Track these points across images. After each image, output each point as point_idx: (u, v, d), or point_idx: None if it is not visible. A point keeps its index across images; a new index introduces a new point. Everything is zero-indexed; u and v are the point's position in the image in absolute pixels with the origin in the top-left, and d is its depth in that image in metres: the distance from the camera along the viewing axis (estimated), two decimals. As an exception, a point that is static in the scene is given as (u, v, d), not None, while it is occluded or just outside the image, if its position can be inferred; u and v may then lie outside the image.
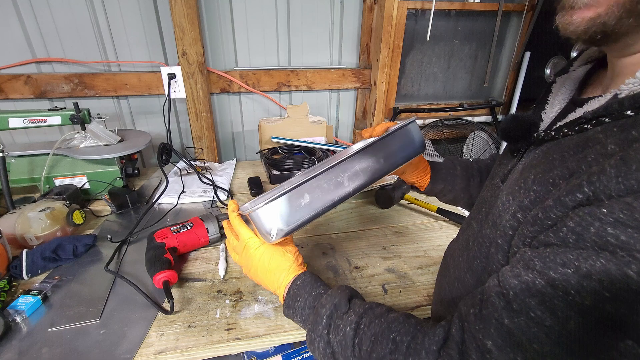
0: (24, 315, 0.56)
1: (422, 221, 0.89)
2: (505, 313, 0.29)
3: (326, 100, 1.42)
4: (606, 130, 0.30)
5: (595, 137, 0.30)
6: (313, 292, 0.45)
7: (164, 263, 0.62)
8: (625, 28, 0.30)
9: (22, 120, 0.89)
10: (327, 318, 0.41)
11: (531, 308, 0.27)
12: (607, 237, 0.24)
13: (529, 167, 0.37)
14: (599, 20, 0.31)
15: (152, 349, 0.51)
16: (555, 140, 0.36)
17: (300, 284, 0.47)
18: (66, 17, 1.05)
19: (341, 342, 0.39)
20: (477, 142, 1.51)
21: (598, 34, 0.32)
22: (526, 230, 0.32)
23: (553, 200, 0.29)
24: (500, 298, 0.30)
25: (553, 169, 0.32)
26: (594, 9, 0.31)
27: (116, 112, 1.21)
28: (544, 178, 0.33)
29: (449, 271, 0.48)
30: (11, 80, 1.04)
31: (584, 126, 0.32)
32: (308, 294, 0.45)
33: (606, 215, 0.24)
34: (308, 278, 0.48)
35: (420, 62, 1.52)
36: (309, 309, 0.45)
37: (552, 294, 0.26)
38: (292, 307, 0.47)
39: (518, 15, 1.51)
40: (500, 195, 0.40)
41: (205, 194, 0.98)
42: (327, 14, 1.27)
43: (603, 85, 0.39)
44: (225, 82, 1.23)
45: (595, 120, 0.32)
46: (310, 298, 0.45)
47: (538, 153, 0.37)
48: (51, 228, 0.73)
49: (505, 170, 0.44)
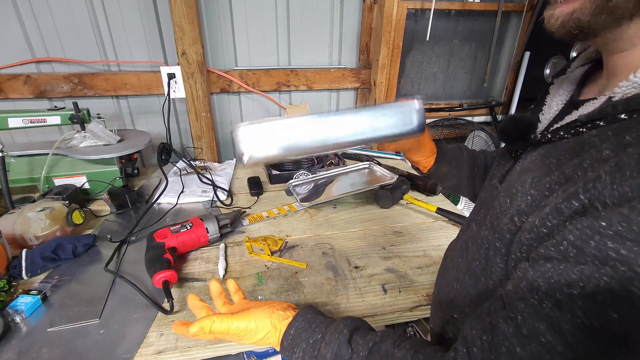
0: (23, 315, 0.56)
1: (421, 221, 0.89)
2: (516, 340, 0.28)
3: (326, 100, 1.42)
4: (601, 134, 0.30)
5: (590, 141, 0.30)
6: (310, 340, 0.41)
7: (164, 263, 0.63)
8: (601, 24, 0.31)
9: (21, 120, 0.89)
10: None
11: (541, 333, 0.26)
12: (608, 251, 0.23)
13: (527, 169, 0.37)
14: (575, 15, 0.31)
15: (151, 349, 0.51)
16: (552, 143, 0.36)
17: (293, 333, 0.42)
18: (66, 17, 1.05)
19: None
20: (476, 142, 1.51)
21: (574, 29, 0.32)
22: (523, 238, 0.32)
23: (549, 208, 0.29)
24: (509, 323, 0.29)
25: (550, 173, 0.32)
26: (571, 4, 0.32)
27: (116, 112, 1.21)
28: (540, 182, 0.33)
29: (447, 272, 0.48)
30: (11, 80, 1.04)
31: (580, 129, 0.32)
32: (305, 342, 0.41)
33: (605, 229, 0.24)
34: (301, 323, 0.43)
35: (420, 62, 1.52)
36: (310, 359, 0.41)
37: (560, 317, 0.25)
38: None
39: (518, 15, 1.51)
40: (498, 196, 0.40)
41: (205, 193, 0.98)
42: (326, 14, 1.27)
43: (600, 86, 0.39)
44: (225, 82, 1.23)
45: (590, 124, 0.31)
46: (308, 347, 0.41)
47: (535, 155, 0.37)
48: (51, 228, 0.73)
49: (503, 171, 0.44)
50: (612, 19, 0.30)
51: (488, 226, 0.39)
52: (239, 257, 0.73)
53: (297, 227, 0.85)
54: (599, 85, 0.39)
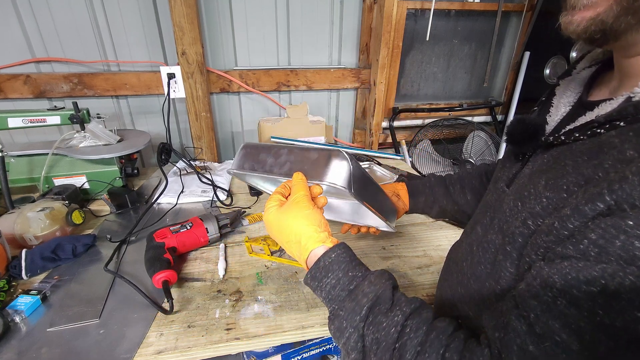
0: (23, 315, 0.56)
1: (421, 221, 0.89)
2: (529, 338, 0.27)
3: (326, 100, 1.42)
4: (621, 134, 0.29)
5: (609, 142, 0.30)
6: (350, 273, 0.41)
7: (164, 263, 0.62)
8: (624, 26, 0.30)
9: (21, 120, 0.89)
10: (367, 310, 0.37)
11: (555, 332, 0.26)
12: (635, 251, 0.23)
13: (538, 172, 0.36)
14: (598, 19, 0.31)
15: (151, 349, 0.51)
16: (566, 145, 0.35)
17: (334, 257, 0.42)
18: (65, 17, 1.05)
19: (379, 341, 0.36)
20: (476, 142, 1.51)
21: (597, 33, 0.32)
22: (540, 240, 0.31)
23: (570, 209, 0.28)
24: (521, 321, 0.28)
25: (566, 174, 0.31)
26: (593, 9, 0.31)
27: (115, 112, 1.21)
28: (556, 184, 0.32)
29: (451, 276, 0.48)
30: (10, 80, 1.04)
31: (597, 130, 0.32)
32: (343, 272, 0.41)
33: (632, 228, 0.23)
34: (344, 254, 0.42)
35: (420, 62, 1.52)
36: (342, 290, 0.40)
37: (577, 315, 0.25)
38: (317, 279, 0.42)
39: (518, 15, 1.51)
40: (506, 200, 0.39)
41: (204, 193, 0.98)
42: (326, 14, 1.27)
43: (610, 88, 0.38)
44: (225, 82, 1.23)
45: (608, 124, 0.31)
46: (345, 278, 0.40)
47: (547, 158, 0.37)
48: (50, 228, 0.73)
49: (510, 174, 0.43)
50: (636, 20, 0.30)
51: (496, 230, 0.39)
52: (238, 257, 0.73)
53: (297, 227, 0.85)
54: (609, 87, 0.38)
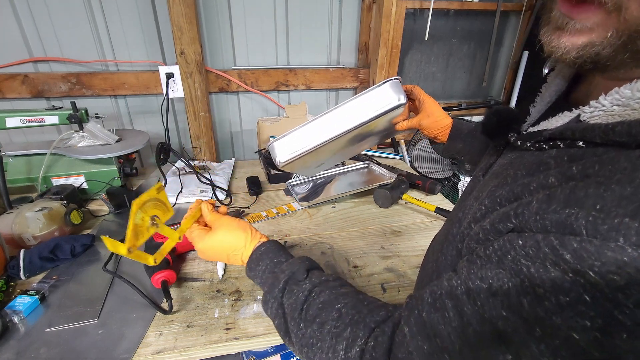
0: (21, 316, 0.56)
1: (420, 220, 0.89)
2: (427, 307, 0.32)
3: (325, 100, 1.42)
4: (557, 157, 0.29)
5: (546, 162, 0.30)
6: (275, 259, 0.49)
7: (162, 263, 0.62)
8: (618, 63, 0.27)
9: (19, 119, 0.88)
10: (283, 283, 0.44)
11: (447, 309, 0.30)
12: (521, 266, 0.25)
13: (494, 174, 0.37)
14: (592, 49, 0.27)
15: (150, 349, 0.51)
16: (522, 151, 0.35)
17: (264, 250, 0.50)
18: (63, 16, 1.04)
19: (292, 304, 0.42)
20: (475, 141, 1.51)
21: (588, 64, 0.29)
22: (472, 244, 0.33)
23: (489, 224, 0.30)
24: (430, 295, 0.33)
25: (505, 186, 0.32)
26: (586, 35, 0.27)
27: (114, 112, 1.20)
28: (493, 195, 0.32)
29: (428, 264, 0.47)
30: (8, 80, 1.04)
31: (543, 145, 0.32)
32: (270, 259, 0.49)
33: (520, 248, 0.26)
34: (272, 246, 0.51)
35: (419, 62, 1.52)
36: (269, 273, 0.48)
37: (465, 301, 0.29)
38: (253, 269, 0.50)
39: (516, 15, 1.51)
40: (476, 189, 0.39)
41: (203, 193, 0.98)
42: (325, 14, 1.26)
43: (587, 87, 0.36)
44: (224, 82, 1.23)
45: (552, 142, 0.31)
46: (271, 264, 0.48)
47: (510, 158, 0.37)
48: (49, 228, 0.72)
49: (487, 164, 0.43)
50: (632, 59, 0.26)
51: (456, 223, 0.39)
52: (238, 257, 0.73)
53: (296, 226, 0.85)
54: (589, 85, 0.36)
